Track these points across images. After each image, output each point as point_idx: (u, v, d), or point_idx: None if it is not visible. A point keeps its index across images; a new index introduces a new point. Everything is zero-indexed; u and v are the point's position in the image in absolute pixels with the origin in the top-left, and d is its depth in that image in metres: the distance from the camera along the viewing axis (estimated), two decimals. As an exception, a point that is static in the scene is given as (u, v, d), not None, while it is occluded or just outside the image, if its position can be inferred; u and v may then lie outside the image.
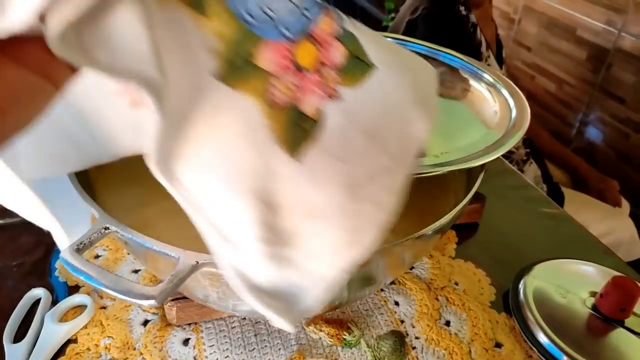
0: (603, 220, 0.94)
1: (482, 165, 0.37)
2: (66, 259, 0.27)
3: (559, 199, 0.97)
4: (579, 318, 0.41)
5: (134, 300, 0.25)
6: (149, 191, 0.40)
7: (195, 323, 0.40)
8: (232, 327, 0.40)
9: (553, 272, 0.45)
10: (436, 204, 0.41)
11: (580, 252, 0.50)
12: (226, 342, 0.39)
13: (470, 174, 0.40)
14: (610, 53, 1.35)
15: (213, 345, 0.39)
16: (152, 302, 0.25)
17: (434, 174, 0.34)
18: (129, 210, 0.36)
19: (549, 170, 1.03)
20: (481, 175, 0.37)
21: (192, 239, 0.34)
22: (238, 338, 0.39)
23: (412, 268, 0.46)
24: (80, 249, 0.28)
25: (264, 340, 0.39)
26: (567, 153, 1.13)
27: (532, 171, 1.00)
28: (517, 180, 0.61)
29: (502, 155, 1.01)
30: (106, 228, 0.29)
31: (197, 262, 0.27)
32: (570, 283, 0.44)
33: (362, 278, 0.34)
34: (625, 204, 1.10)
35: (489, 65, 0.93)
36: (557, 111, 1.54)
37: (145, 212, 0.37)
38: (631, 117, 1.32)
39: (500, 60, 0.99)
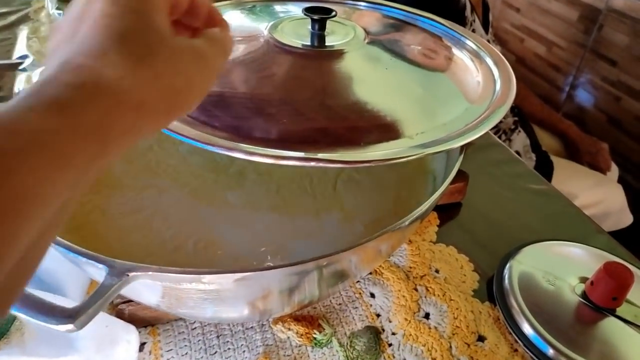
0: (593, 189, 0.91)
1: (462, 146, 0.33)
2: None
3: (548, 169, 0.93)
4: (567, 307, 0.38)
5: (48, 325, 0.21)
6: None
7: (152, 325, 0.37)
8: (193, 329, 0.37)
9: (541, 255, 0.42)
10: (414, 187, 0.37)
11: (570, 230, 0.47)
12: (185, 345, 0.36)
13: (450, 153, 0.36)
14: (602, 13, 1.30)
15: (171, 350, 0.35)
16: (69, 327, 0.21)
17: (406, 159, 0.30)
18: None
19: (537, 138, 0.99)
20: (460, 157, 0.33)
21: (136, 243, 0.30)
22: (199, 341, 0.36)
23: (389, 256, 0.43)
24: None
25: (227, 342, 0.36)
26: (557, 117, 1.09)
27: (520, 140, 0.96)
28: (503, 154, 0.57)
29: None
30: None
31: (128, 275, 0.23)
32: (559, 268, 0.40)
33: (334, 275, 0.30)
34: (615, 169, 1.07)
35: (473, 30, 0.88)
36: (546, 75, 1.50)
37: (83, 210, 0.33)
38: (623, 79, 1.28)
39: (486, 24, 0.93)
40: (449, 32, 0.47)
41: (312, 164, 0.26)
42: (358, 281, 0.41)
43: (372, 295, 0.40)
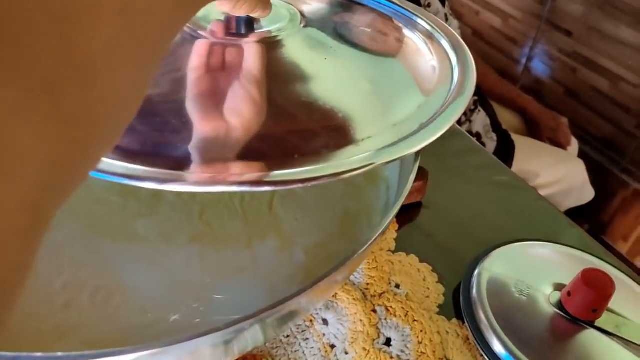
0: (555, 166, 0.89)
1: (417, 152, 0.28)
2: None
3: (510, 148, 0.90)
4: (542, 319, 0.34)
5: None
6: None
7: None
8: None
9: (511, 260, 0.38)
10: (364, 199, 0.31)
11: (540, 226, 0.43)
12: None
13: (404, 158, 0.31)
14: (557, -18, 1.27)
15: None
16: None
17: (348, 174, 0.24)
18: None
19: (497, 117, 0.96)
20: (416, 164, 0.27)
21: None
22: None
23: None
24: None
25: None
26: (517, 93, 1.06)
27: (480, 119, 0.93)
28: (463, 142, 0.52)
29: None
30: None
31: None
32: (532, 275, 0.36)
33: (281, 319, 0.25)
34: (575, 143, 1.06)
35: (429, 4, 0.82)
36: (503, 48, 1.47)
37: None
38: (578, 50, 1.26)
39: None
40: (400, 10, 0.41)
41: (225, 188, 0.20)
42: (308, 306, 0.35)
43: (325, 322, 0.35)
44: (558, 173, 0.86)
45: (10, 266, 0.10)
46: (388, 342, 0.34)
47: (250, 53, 0.27)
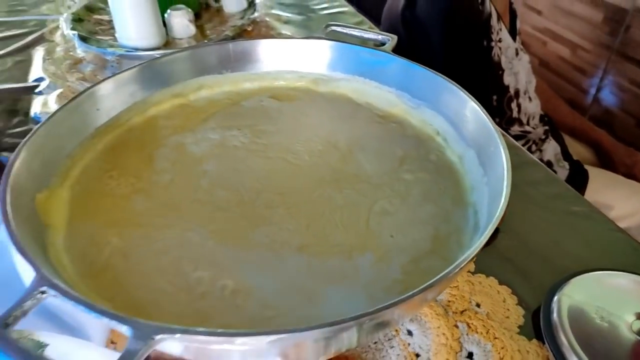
0: (630, 199, 0.86)
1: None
2: (-11, 339, 0.21)
3: (583, 178, 0.89)
4: (624, 346, 0.35)
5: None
6: (108, 221, 0.34)
7: (177, 370, 0.35)
8: (219, 374, 0.35)
9: (591, 288, 0.39)
10: (453, 222, 0.34)
11: (619, 257, 0.43)
12: (212, 392, 0.34)
13: (493, 183, 0.33)
14: (629, 13, 1.25)
15: (197, 398, 0.33)
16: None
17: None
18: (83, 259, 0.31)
19: (567, 147, 0.95)
20: (507, 191, 0.30)
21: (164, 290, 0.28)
22: (226, 387, 0.34)
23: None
24: (9, 323, 0.22)
25: (257, 388, 0.34)
26: (589, 126, 1.04)
27: (551, 148, 0.93)
28: (538, 172, 0.54)
29: (518, 137, 0.94)
30: (43, 292, 0.23)
31: (154, 338, 0.21)
32: (613, 302, 0.37)
33: (375, 326, 0.28)
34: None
35: (500, 39, 0.84)
36: (571, 78, 1.45)
37: (103, 253, 0.31)
38: (652, 82, 1.23)
39: (514, 32, 0.90)
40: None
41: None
42: (393, 317, 0.38)
43: (410, 333, 0.37)
44: (633, 206, 0.84)
45: None
46: (470, 355, 0.36)
47: None
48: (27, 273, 0.33)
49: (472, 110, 0.35)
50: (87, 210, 0.34)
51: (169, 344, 0.23)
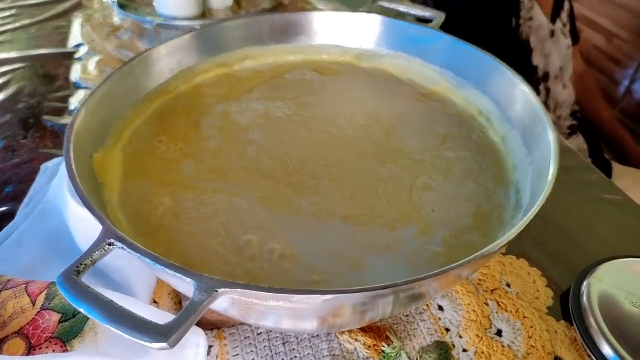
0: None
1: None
2: (63, 285, 0.23)
3: (606, 174, 0.88)
4: (653, 331, 0.36)
5: (141, 343, 0.21)
6: (159, 183, 0.35)
7: (218, 328, 0.36)
8: (259, 334, 0.36)
9: (621, 273, 0.39)
10: (495, 200, 0.35)
11: (650, 247, 0.44)
12: (252, 351, 0.35)
13: (539, 164, 0.34)
14: (670, 3, 1.22)
15: (238, 355, 0.35)
16: (163, 345, 0.21)
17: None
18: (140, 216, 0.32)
19: (602, 146, 0.94)
20: (553, 176, 0.30)
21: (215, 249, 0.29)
22: (265, 347, 0.35)
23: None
24: (80, 271, 0.24)
25: (294, 350, 0.35)
26: (626, 139, 1.00)
27: (575, 145, 0.92)
28: (574, 160, 0.54)
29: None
30: (110, 244, 0.25)
31: (217, 291, 0.23)
32: (643, 289, 0.38)
33: (410, 297, 0.29)
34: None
35: (531, 18, 0.83)
36: (604, 68, 1.42)
37: (156, 213, 0.32)
38: (689, 75, 1.20)
39: (556, 13, 0.88)
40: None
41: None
42: (425, 292, 0.39)
43: (441, 308, 0.38)
44: None
45: None
46: (499, 333, 0.37)
47: None
48: (82, 226, 0.35)
49: (521, 93, 0.36)
50: (139, 172, 0.35)
51: (227, 298, 0.24)
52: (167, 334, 0.21)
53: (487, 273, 0.40)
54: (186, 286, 0.23)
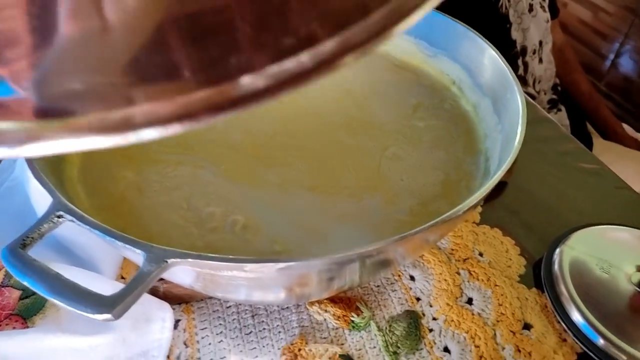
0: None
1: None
2: (7, 258, 0.22)
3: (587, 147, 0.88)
4: (622, 296, 0.36)
5: (84, 314, 0.20)
6: (123, 156, 0.34)
7: (186, 302, 0.36)
8: (227, 307, 0.36)
9: (594, 241, 0.39)
10: (463, 168, 0.34)
11: (623, 213, 0.44)
12: (220, 324, 0.35)
13: (506, 131, 0.33)
14: (657, -26, 1.20)
15: (205, 329, 0.35)
16: (107, 316, 0.20)
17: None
18: (98, 188, 0.31)
19: (585, 121, 0.93)
20: (519, 141, 0.30)
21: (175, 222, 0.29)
22: (234, 320, 0.35)
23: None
24: (27, 244, 0.23)
25: (262, 322, 0.35)
26: (607, 114, 1.00)
27: (557, 119, 0.91)
28: (552, 130, 0.53)
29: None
30: (59, 216, 0.24)
31: (167, 262, 0.22)
32: (614, 254, 0.38)
33: (378, 264, 0.29)
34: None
35: (533, 16, 0.82)
36: (590, 42, 1.41)
37: (118, 187, 0.32)
38: (674, 47, 1.19)
39: (553, 9, 0.87)
40: None
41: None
42: (397, 263, 0.39)
43: (412, 278, 0.38)
44: None
45: None
46: (470, 301, 0.37)
47: None
48: (43, 200, 0.34)
49: (490, 58, 0.35)
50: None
51: (180, 269, 0.24)
52: (111, 305, 0.20)
53: (459, 242, 0.40)
54: (137, 258, 0.23)
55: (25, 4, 0.11)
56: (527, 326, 0.35)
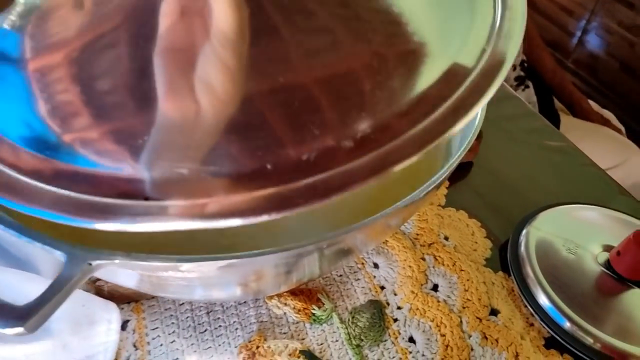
0: (612, 153, 0.85)
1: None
2: None
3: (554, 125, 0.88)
4: (588, 277, 0.35)
5: (-7, 328, 0.18)
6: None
7: (135, 301, 0.34)
8: (180, 305, 0.34)
9: (560, 221, 0.38)
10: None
11: (590, 192, 0.43)
12: (173, 323, 0.33)
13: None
14: (622, -51, 1.20)
15: (157, 328, 0.32)
16: (19, 330, 0.18)
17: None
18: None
19: (552, 98, 0.93)
20: (481, 116, 0.28)
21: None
22: (187, 318, 0.33)
23: (394, 221, 0.40)
24: None
25: (218, 319, 0.33)
26: (572, 89, 1.00)
27: (524, 97, 0.91)
28: (518, 108, 0.52)
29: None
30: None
31: (91, 264, 0.20)
32: (580, 235, 0.37)
33: (337, 253, 0.27)
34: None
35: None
36: (557, 19, 1.41)
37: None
38: (639, 23, 1.20)
39: None
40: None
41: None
42: (360, 250, 0.37)
43: (376, 266, 0.37)
44: (613, 159, 0.83)
45: None
46: (435, 287, 0.36)
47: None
48: None
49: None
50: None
51: (121, 271, 0.22)
52: (24, 317, 0.18)
53: (424, 227, 0.39)
54: (59, 261, 0.20)
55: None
56: (493, 312, 0.34)
